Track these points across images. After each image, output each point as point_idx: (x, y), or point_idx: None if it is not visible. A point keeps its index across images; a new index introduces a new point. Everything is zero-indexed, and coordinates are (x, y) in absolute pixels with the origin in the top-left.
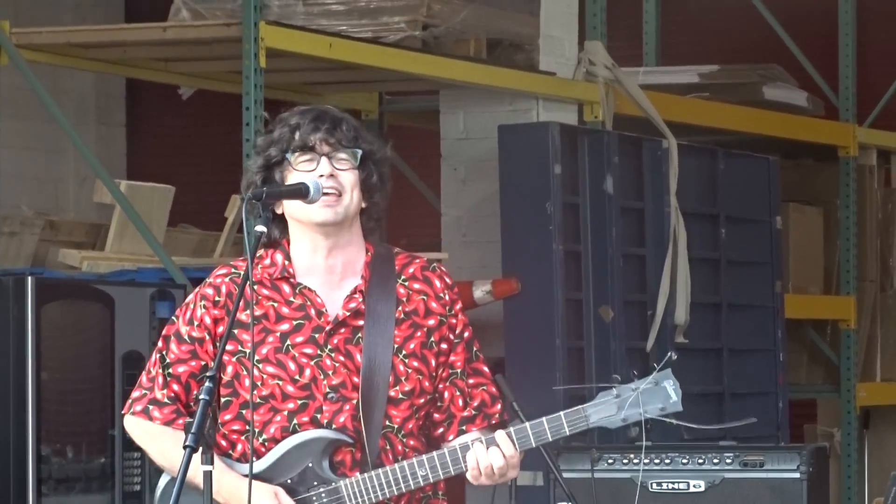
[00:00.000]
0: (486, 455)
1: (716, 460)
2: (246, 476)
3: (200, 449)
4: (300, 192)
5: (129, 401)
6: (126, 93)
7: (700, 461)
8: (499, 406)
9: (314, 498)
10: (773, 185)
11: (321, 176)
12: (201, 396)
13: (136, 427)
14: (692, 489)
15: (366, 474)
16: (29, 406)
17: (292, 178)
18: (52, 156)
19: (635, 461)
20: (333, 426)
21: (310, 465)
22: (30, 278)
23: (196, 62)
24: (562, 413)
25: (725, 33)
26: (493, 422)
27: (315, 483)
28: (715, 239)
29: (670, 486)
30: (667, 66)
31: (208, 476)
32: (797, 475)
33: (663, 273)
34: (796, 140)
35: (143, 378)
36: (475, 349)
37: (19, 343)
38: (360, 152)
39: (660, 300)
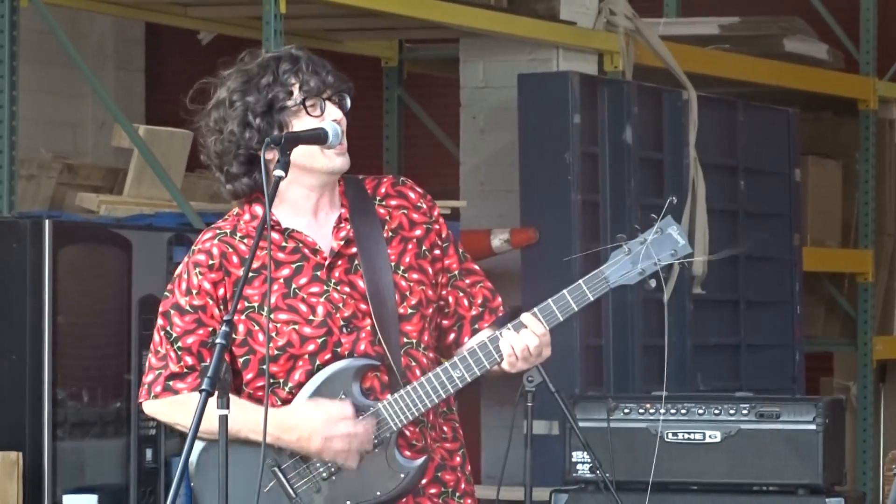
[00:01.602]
0: (519, 338)
1: (732, 411)
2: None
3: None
4: (319, 137)
5: (144, 387)
6: (145, 37)
7: (716, 412)
8: (499, 298)
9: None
10: (793, 138)
11: (334, 120)
12: (217, 341)
13: (161, 405)
14: (708, 439)
15: (402, 391)
16: (45, 349)
17: (300, 123)
18: (71, 100)
19: (651, 411)
20: (355, 355)
21: (342, 396)
22: (47, 221)
23: (216, 7)
24: (581, 281)
25: None
26: (500, 314)
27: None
28: (733, 191)
29: (686, 436)
30: (687, 18)
31: (224, 420)
32: (813, 427)
33: (681, 224)
34: (816, 93)
35: (152, 359)
36: (461, 250)
37: (36, 286)
38: (348, 98)
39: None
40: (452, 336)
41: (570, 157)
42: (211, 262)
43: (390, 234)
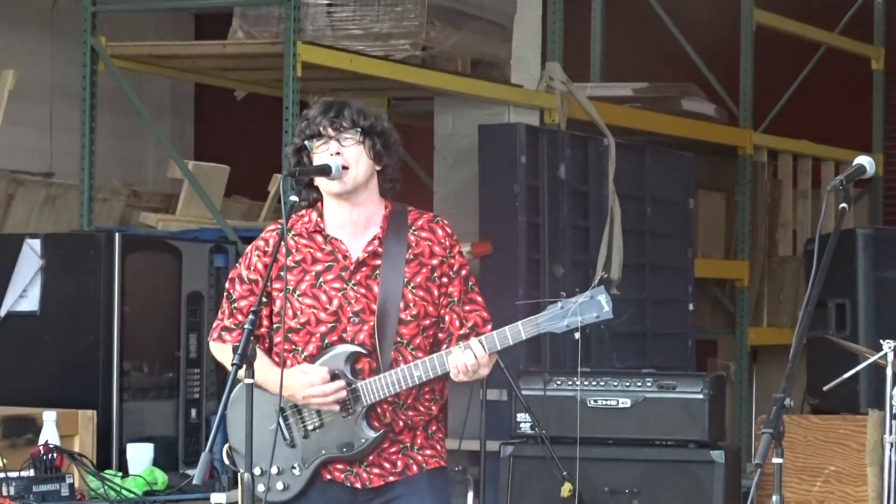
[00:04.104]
0: (462, 357)
1: (639, 383)
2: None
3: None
4: (324, 171)
5: (212, 329)
6: (194, 93)
7: (627, 384)
8: (489, 327)
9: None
10: (688, 176)
11: (331, 154)
12: (245, 326)
13: (215, 348)
14: (620, 405)
15: (377, 376)
16: (115, 332)
17: (316, 158)
18: (137, 141)
19: (577, 382)
20: (355, 342)
21: (335, 371)
22: (117, 235)
23: (248, 72)
24: (519, 323)
25: (654, 58)
26: None
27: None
28: (642, 215)
29: (604, 402)
30: (608, 83)
31: (250, 388)
32: (701, 396)
33: (602, 240)
34: (706, 141)
35: (219, 312)
36: (471, 283)
37: (108, 285)
38: (359, 130)
39: (599, 261)
40: (444, 346)
41: (518, 188)
42: (266, 248)
43: (412, 257)
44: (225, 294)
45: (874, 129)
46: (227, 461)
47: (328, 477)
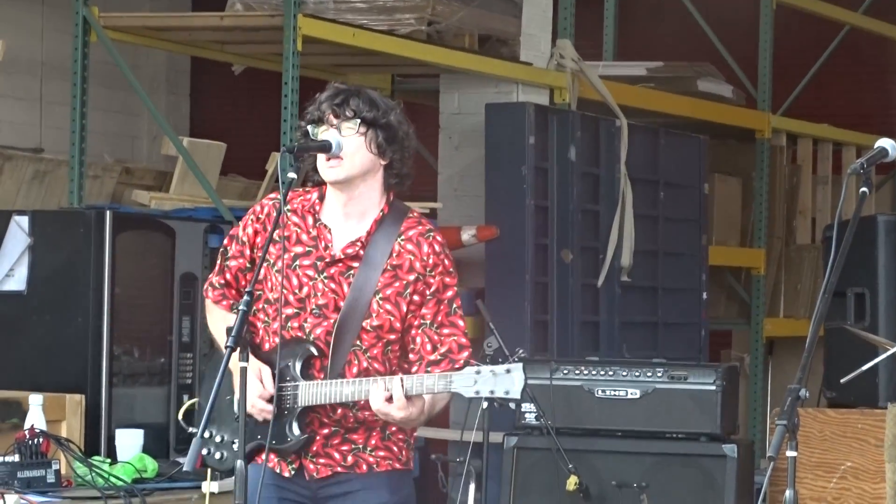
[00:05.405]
0: (376, 388)
1: (649, 374)
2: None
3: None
4: (325, 147)
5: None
6: (190, 68)
7: (637, 374)
8: (465, 353)
9: (282, 389)
10: (703, 159)
11: None
12: (240, 307)
13: (207, 303)
14: (629, 396)
15: (318, 381)
16: (105, 315)
17: None
18: (130, 117)
19: (585, 372)
20: (312, 336)
21: (288, 364)
22: (108, 213)
23: (246, 45)
24: (436, 374)
25: (669, 36)
26: (457, 366)
27: (287, 378)
28: (655, 200)
29: (612, 392)
30: (621, 61)
31: (244, 371)
32: (713, 388)
33: (613, 225)
34: (722, 124)
35: (216, 265)
36: (454, 306)
37: (98, 264)
38: (359, 121)
39: (610, 246)
40: (414, 370)
41: (526, 170)
42: (260, 216)
43: (389, 267)
44: (222, 249)
45: None
46: (180, 417)
47: (261, 460)
